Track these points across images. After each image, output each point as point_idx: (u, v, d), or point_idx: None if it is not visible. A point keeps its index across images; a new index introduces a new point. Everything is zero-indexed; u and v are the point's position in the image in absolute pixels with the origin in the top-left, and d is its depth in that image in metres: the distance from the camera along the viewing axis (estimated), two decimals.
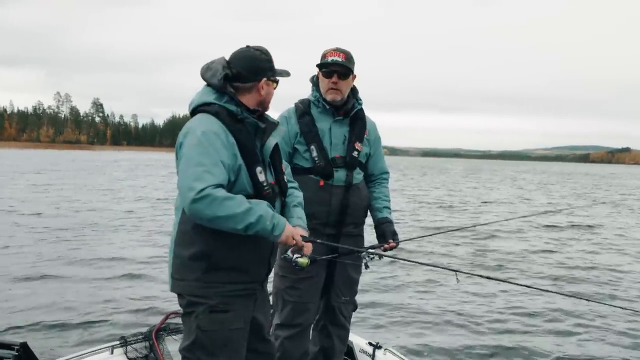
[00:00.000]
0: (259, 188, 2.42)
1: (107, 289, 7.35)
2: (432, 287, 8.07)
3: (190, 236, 2.41)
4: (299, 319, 3.20)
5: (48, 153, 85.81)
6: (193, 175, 2.24)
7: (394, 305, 6.97)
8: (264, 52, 2.51)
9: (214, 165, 2.28)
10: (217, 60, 2.49)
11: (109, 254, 9.53)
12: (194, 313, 2.44)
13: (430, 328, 6.22)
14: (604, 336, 6.12)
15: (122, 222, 13.50)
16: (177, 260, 2.46)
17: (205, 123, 2.37)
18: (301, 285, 3.16)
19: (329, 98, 3.20)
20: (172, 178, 32.54)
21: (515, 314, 6.87)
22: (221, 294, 2.42)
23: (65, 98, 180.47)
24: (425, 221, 16.22)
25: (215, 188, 2.24)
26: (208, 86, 2.48)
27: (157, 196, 20.99)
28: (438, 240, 11.99)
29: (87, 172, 36.46)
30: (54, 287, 7.27)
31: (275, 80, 2.55)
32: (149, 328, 3.62)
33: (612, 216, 19.65)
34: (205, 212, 2.22)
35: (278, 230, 2.36)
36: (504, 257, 10.78)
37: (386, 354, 3.62)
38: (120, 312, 6.27)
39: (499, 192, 28.10)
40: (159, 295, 6.95)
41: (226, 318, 2.44)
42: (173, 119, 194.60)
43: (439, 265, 3.41)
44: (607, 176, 68.77)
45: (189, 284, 2.43)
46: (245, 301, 2.51)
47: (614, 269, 9.93)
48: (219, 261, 2.41)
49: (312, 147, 3.16)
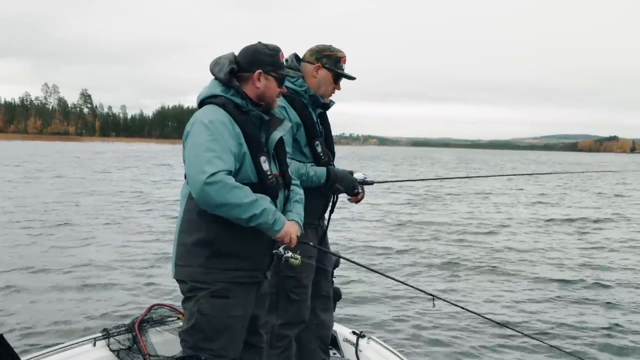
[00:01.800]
0: (262, 177, 2.47)
1: (87, 281, 7.27)
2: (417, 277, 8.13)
3: (195, 223, 2.47)
4: (305, 315, 3.26)
5: (35, 145, 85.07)
6: (204, 159, 2.30)
7: (378, 296, 7.00)
8: (269, 48, 2.57)
9: (223, 151, 2.34)
10: (225, 56, 2.58)
11: (88, 248, 9.46)
12: (195, 297, 2.49)
13: (414, 318, 6.25)
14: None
15: (98, 216, 13.38)
16: (181, 247, 2.52)
17: (213, 113, 2.44)
18: (306, 282, 3.21)
19: (327, 99, 3.26)
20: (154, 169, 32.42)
21: (501, 304, 6.93)
22: (223, 279, 2.47)
23: (53, 89, 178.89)
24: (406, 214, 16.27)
25: (226, 174, 2.31)
26: (216, 80, 2.56)
27: (138, 188, 20.86)
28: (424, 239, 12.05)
29: (66, 164, 35.99)
30: (30, 282, 7.17)
31: (276, 77, 2.57)
32: (132, 319, 3.61)
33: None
34: (214, 197, 2.28)
35: (278, 226, 2.43)
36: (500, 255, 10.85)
37: (369, 343, 3.65)
38: (102, 304, 6.24)
39: (489, 183, 28.24)
40: (142, 287, 6.94)
41: (227, 304, 2.48)
42: (162, 109, 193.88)
43: (415, 286, 3.48)
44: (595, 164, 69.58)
45: (193, 270, 2.49)
46: (247, 289, 2.55)
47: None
48: (222, 247, 2.46)
49: (317, 142, 3.19)
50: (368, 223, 13.12)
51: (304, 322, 3.26)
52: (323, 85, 3.21)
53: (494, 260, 9.47)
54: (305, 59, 3.23)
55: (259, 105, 2.56)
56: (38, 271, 7.72)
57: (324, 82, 3.20)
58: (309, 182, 3.09)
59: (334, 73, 3.20)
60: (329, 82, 3.21)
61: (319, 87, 3.20)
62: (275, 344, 3.18)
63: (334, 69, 3.19)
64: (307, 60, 3.22)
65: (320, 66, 3.18)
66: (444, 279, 8.08)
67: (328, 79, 3.20)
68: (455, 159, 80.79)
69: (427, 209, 16.84)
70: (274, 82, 2.58)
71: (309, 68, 3.20)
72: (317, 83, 3.20)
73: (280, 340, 3.19)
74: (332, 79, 3.21)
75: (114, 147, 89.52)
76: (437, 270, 8.53)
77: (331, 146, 3.34)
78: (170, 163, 39.52)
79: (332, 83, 3.22)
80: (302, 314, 3.23)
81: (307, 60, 3.22)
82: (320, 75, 3.19)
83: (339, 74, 3.21)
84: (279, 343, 3.19)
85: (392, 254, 9.61)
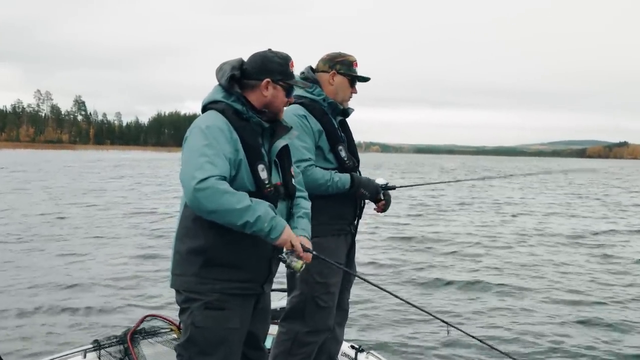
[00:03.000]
0: (260, 185, 2.47)
1: (78, 292, 7.25)
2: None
3: (190, 230, 2.48)
4: (331, 322, 3.31)
5: (27, 153, 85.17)
6: (195, 165, 2.33)
7: (377, 307, 6.94)
8: (279, 56, 2.60)
9: (216, 156, 2.36)
10: (230, 61, 2.61)
11: (78, 258, 9.44)
12: (189, 309, 2.49)
13: (414, 330, 6.20)
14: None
15: (89, 227, 13.33)
16: (177, 255, 2.54)
17: (210, 118, 2.48)
18: (334, 289, 3.27)
19: (346, 104, 3.38)
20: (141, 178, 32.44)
21: (500, 314, 6.90)
22: (218, 290, 2.47)
23: (45, 96, 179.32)
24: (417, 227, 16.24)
25: (218, 180, 2.32)
26: (219, 85, 2.59)
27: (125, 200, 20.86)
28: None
29: (54, 173, 35.86)
30: (19, 293, 7.14)
31: (285, 87, 2.59)
32: (124, 331, 3.62)
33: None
34: (204, 203, 2.30)
35: (275, 234, 2.40)
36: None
37: (368, 357, 3.65)
38: (93, 315, 6.22)
39: (501, 192, 28.13)
40: (135, 298, 6.92)
41: (221, 316, 2.47)
42: (158, 116, 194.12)
43: (423, 309, 3.39)
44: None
45: (187, 279, 2.49)
46: (243, 301, 2.54)
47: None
48: (216, 256, 2.46)
49: (341, 147, 3.29)
50: (374, 235, 12.97)
51: (329, 329, 3.31)
52: (341, 91, 3.34)
53: (515, 279, 8.77)
54: (319, 68, 3.37)
55: (262, 112, 2.57)
56: (27, 282, 7.70)
57: (341, 88, 3.34)
58: (333, 188, 3.18)
59: (349, 77, 3.34)
60: (346, 87, 3.35)
61: (336, 94, 3.33)
62: (296, 351, 3.22)
63: (349, 73, 3.34)
64: (321, 69, 3.36)
65: (335, 73, 3.33)
66: (458, 300, 7.59)
67: (345, 84, 3.34)
68: (461, 166, 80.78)
69: (441, 219, 16.75)
70: (282, 92, 2.59)
71: (325, 77, 3.34)
72: (334, 90, 3.33)
73: (303, 347, 3.23)
74: (349, 84, 3.35)
75: (109, 155, 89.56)
76: (451, 290, 8.08)
77: (355, 153, 3.43)
78: (167, 173, 39.46)
79: (349, 87, 3.36)
80: (329, 322, 3.28)
81: (321, 69, 3.36)
82: (337, 82, 3.33)
83: (354, 77, 3.36)
84: (300, 350, 3.23)
85: (403, 269, 9.32)
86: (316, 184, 3.11)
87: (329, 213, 3.21)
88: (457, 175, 48.43)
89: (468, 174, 51.17)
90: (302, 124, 3.14)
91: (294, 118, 3.12)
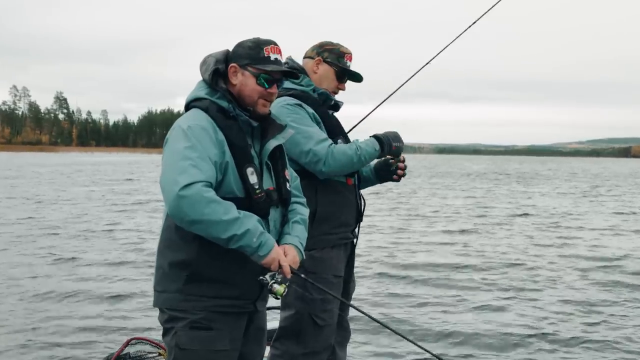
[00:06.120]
0: (249, 191, 2.45)
1: (55, 310, 7.18)
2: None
3: (173, 242, 2.47)
4: (331, 339, 3.29)
5: (3, 156, 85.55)
6: (178, 169, 2.32)
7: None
8: (251, 40, 2.57)
9: (201, 159, 2.35)
10: (215, 54, 2.60)
11: (53, 271, 9.44)
12: (173, 330, 2.47)
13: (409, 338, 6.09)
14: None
15: (70, 237, 13.44)
16: (160, 270, 2.53)
17: (193, 117, 2.48)
18: (331, 306, 3.22)
19: (334, 96, 3.34)
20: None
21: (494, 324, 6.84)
22: (204, 308, 2.45)
23: (22, 92, 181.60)
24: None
25: (204, 186, 2.30)
26: (203, 81, 2.59)
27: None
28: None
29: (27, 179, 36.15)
30: None
31: (254, 73, 2.52)
32: (107, 355, 3.66)
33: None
34: (187, 212, 2.28)
35: (264, 251, 2.39)
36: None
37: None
38: (75, 336, 6.21)
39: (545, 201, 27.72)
40: (118, 319, 6.89)
41: (208, 336, 2.45)
42: (149, 114, 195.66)
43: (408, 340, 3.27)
44: None
45: (170, 296, 2.48)
46: (233, 320, 2.52)
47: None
48: (201, 271, 2.44)
49: (339, 140, 3.22)
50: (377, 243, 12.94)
51: (330, 346, 3.29)
52: (325, 81, 3.28)
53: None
54: (307, 55, 3.32)
55: (250, 110, 2.55)
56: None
57: (325, 77, 3.28)
58: (365, 155, 3.14)
59: (336, 68, 3.26)
60: (331, 79, 3.28)
61: (320, 84, 3.27)
62: None
63: (336, 63, 3.25)
64: (308, 55, 3.31)
65: (320, 60, 3.27)
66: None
67: (330, 75, 3.28)
68: (488, 169, 79.84)
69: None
70: (252, 79, 2.53)
71: (310, 64, 3.28)
72: (318, 79, 3.27)
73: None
74: (335, 75, 3.28)
75: (93, 159, 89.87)
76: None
77: None
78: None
79: (335, 80, 3.28)
80: (328, 340, 3.26)
81: (308, 55, 3.31)
82: (321, 70, 3.27)
83: (342, 70, 3.27)
84: None
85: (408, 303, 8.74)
86: (346, 157, 3.07)
87: (330, 222, 3.18)
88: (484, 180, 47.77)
89: (502, 179, 50.03)
90: (298, 110, 3.09)
91: (286, 108, 3.07)
